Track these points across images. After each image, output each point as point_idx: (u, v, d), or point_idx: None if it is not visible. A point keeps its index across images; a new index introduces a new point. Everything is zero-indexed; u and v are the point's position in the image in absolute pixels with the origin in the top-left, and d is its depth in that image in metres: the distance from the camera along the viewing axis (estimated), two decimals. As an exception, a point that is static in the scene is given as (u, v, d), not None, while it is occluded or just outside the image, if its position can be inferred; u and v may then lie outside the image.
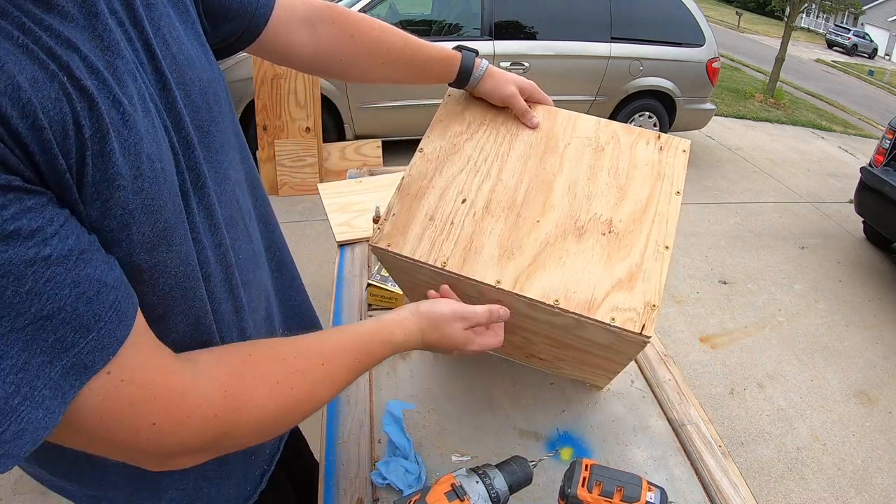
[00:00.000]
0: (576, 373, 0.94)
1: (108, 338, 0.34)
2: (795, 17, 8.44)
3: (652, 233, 0.68)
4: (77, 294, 0.32)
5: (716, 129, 6.13)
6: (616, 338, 0.65)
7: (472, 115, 0.82)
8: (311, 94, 3.35)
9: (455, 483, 0.58)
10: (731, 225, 4.02)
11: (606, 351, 0.73)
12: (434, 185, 0.75)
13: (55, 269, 0.31)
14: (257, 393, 0.45)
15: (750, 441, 2.21)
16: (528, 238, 0.69)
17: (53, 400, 0.32)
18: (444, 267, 0.68)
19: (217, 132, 0.52)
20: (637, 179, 0.73)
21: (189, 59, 0.48)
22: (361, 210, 1.54)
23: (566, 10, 4.07)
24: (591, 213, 0.70)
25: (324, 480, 0.80)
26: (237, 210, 0.55)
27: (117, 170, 0.35)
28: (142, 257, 0.39)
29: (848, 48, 27.74)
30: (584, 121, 0.80)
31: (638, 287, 0.64)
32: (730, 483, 0.85)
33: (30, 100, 0.29)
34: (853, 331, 3.04)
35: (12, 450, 0.30)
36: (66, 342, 0.32)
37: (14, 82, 0.29)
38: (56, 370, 0.31)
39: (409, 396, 0.94)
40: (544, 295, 0.65)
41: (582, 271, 0.66)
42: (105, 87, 0.35)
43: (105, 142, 0.34)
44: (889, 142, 3.60)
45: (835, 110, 10.10)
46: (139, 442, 0.38)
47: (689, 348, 2.69)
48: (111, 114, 0.35)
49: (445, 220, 0.72)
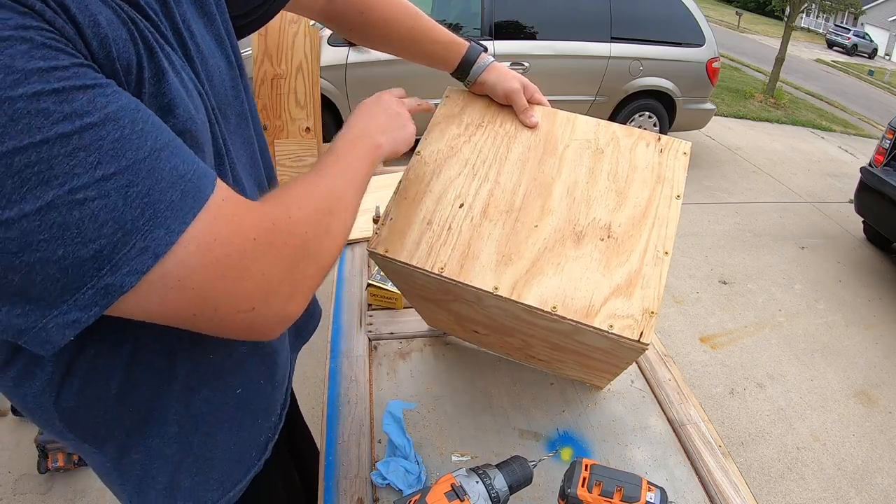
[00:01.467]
0: (576, 373, 0.94)
1: (210, 170, 0.40)
2: (795, 17, 8.45)
3: (651, 237, 0.68)
4: (173, 150, 0.38)
5: (716, 129, 6.14)
6: (614, 344, 0.65)
7: (471, 117, 0.81)
8: (311, 94, 3.35)
9: (455, 483, 0.58)
10: (731, 225, 4.02)
11: (605, 355, 0.72)
12: (431, 189, 0.74)
13: (154, 119, 0.37)
14: (320, 215, 0.49)
15: (750, 441, 2.21)
16: (527, 243, 0.69)
17: (174, 221, 0.36)
18: (442, 273, 0.68)
19: (233, 118, 0.56)
20: (637, 183, 0.72)
21: (210, 49, 0.52)
22: (361, 210, 1.53)
23: (566, 10, 4.07)
24: (590, 217, 0.70)
25: (324, 480, 0.80)
26: (250, 191, 0.59)
27: (173, 100, 0.41)
28: None
29: (848, 48, 27.75)
30: (584, 122, 0.79)
31: (636, 293, 0.64)
32: (730, 483, 0.85)
33: (106, 35, 0.36)
34: (853, 331, 3.04)
35: (137, 265, 0.35)
36: (179, 170, 0.37)
37: (95, 19, 0.35)
38: (176, 194, 0.36)
39: (409, 396, 0.95)
40: (542, 301, 0.65)
41: (580, 277, 0.65)
42: (164, 42, 0.43)
43: (161, 82, 0.40)
44: (889, 142, 3.60)
45: (835, 110, 10.10)
46: (246, 265, 0.41)
47: (689, 348, 2.69)
48: (167, 63, 0.41)
49: (443, 225, 0.71)
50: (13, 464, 1.67)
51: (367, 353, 1.03)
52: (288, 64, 3.29)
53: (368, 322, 1.11)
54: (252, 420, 0.66)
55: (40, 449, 1.60)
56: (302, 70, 3.33)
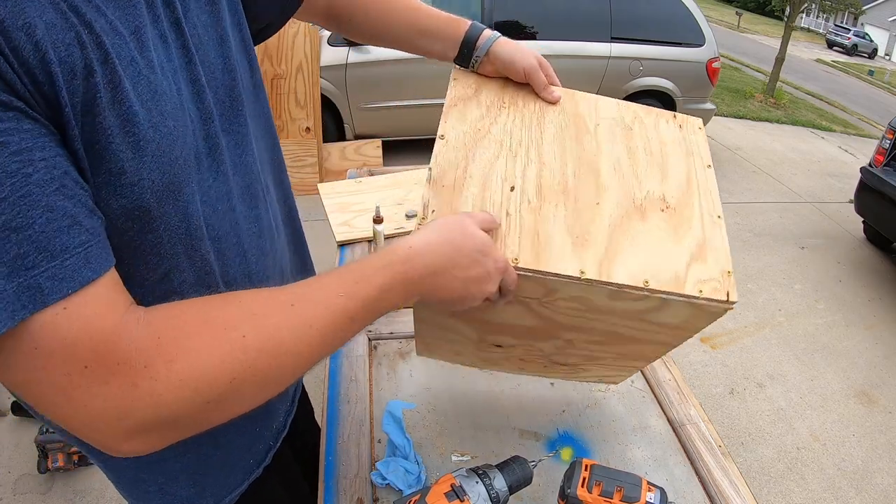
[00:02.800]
0: (602, 371, 0.91)
1: (72, 272, 0.33)
2: (795, 17, 8.45)
3: (702, 204, 0.69)
4: (49, 219, 0.32)
5: (716, 129, 6.14)
6: (697, 311, 0.63)
7: (489, 99, 0.76)
8: (311, 94, 3.35)
9: (455, 483, 0.58)
10: (731, 225, 4.01)
11: (672, 332, 0.71)
12: (471, 174, 0.67)
13: (33, 189, 0.31)
14: (196, 341, 0.38)
15: (750, 441, 2.21)
16: (594, 223, 0.65)
17: (3, 312, 0.31)
18: (518, 263, 0.61)
19: (240, 110, 0.54)
20: (672, 156, 0.73)
21: (216, 41, 0.51)
22: (361, 210, 1.54)
23: (566, 10, 4.07)
24: (644, 190, 0.69)
25: (324, 480, 0.80)
26: (257, 183, 0.58)
27: (133, 113, 0.38)
28: (150, 202, 0.41)
29: (848, 48, 27.74)
30: (605, 101, 0.78)
31: (710, 257, 0.64)
32: (730, 483, 0.85)
33: (42, 38, 0.33)
34: (853, 331, 3.04)
35: None
36: (28, 260, 0.31)
37: (30, 21, 0.32)
38: (12, 285, 0.31)
39: (409, 396, 0.95)
40: (632, 278, 0.61)
41: (656, 250, 0.64)
42: (124, 46, 0.39)
43: (117, 90, 0.37)
44: (889, 142, 3.60)
45: (835, 110, 10.10)
46: (74, 394, 0.34)
47: (689, 348, 2.69)
48: (127, 68, 0.38)
49: (499, 212, 0.64)
50: (13, 464, 1.67)
51: (367, 353, 1.03)
52: (288, 64, 3.29)
53: (368, 322, 1.11)
54: (251, 427, 0.65)
55: (40, 449, 1.60)
56: (302, 70, 3.34)
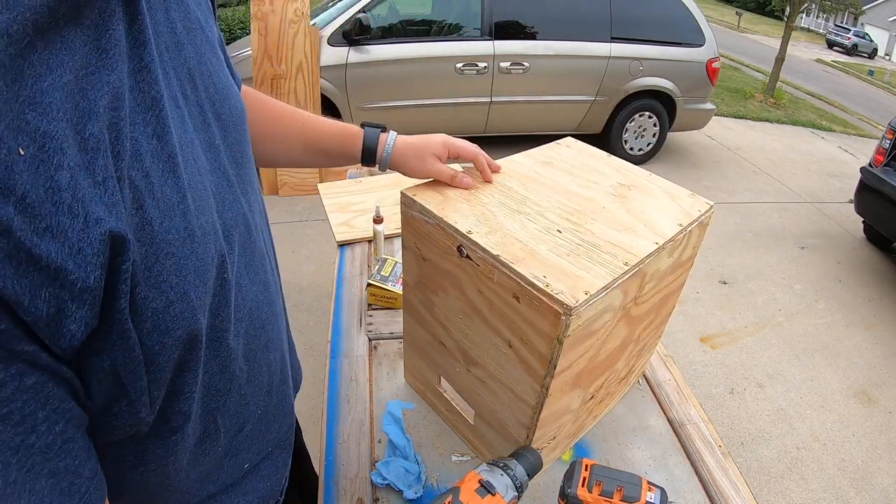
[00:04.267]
0: (643, 363, 0.96)
1: None
2: (795, 17, 8.44)
3: None
4: (52, 485, 0.33)
5: (716, 129, 6.13)
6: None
7: (443, 192, 0.73)
8: (311, 94, 3.35)
9: (482, 479, 0.58)
10: (731, 225, 4.02)
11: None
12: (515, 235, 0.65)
13: (36, 459, 0.31)
14: None
15: (750, 441, 2.21)
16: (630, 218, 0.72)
17: None
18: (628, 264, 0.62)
19: (248, 165, 0.51)
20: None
21: (225, 88, 0.48)
22: (361, 210, 1.54)
23: (566, 10, 4.07)
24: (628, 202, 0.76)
25: (324, 480, 0.80)
26: (263, 249, 0.55)
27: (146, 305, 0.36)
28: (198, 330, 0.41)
29: (848, 48, 27.73)
30: (515, 158, 0.83)
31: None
32: (730, 483, 0.85)
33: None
34: (853, 331, 3.04)
35: None
36: None
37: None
38: None
39: (410, 396, 0.95)
40: None
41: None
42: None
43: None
44: (889, 142, 3.60)
45: (835, 110, 10.10)
46: None
47: (689, 348, 2.69)
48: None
49: (570, 253, 0.63)
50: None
51: (367, 352, 1.03)
52: (288, 64, 3.29)
53: (368, 322, 1.11)
54: None
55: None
56: (302, 70, 3.33)
